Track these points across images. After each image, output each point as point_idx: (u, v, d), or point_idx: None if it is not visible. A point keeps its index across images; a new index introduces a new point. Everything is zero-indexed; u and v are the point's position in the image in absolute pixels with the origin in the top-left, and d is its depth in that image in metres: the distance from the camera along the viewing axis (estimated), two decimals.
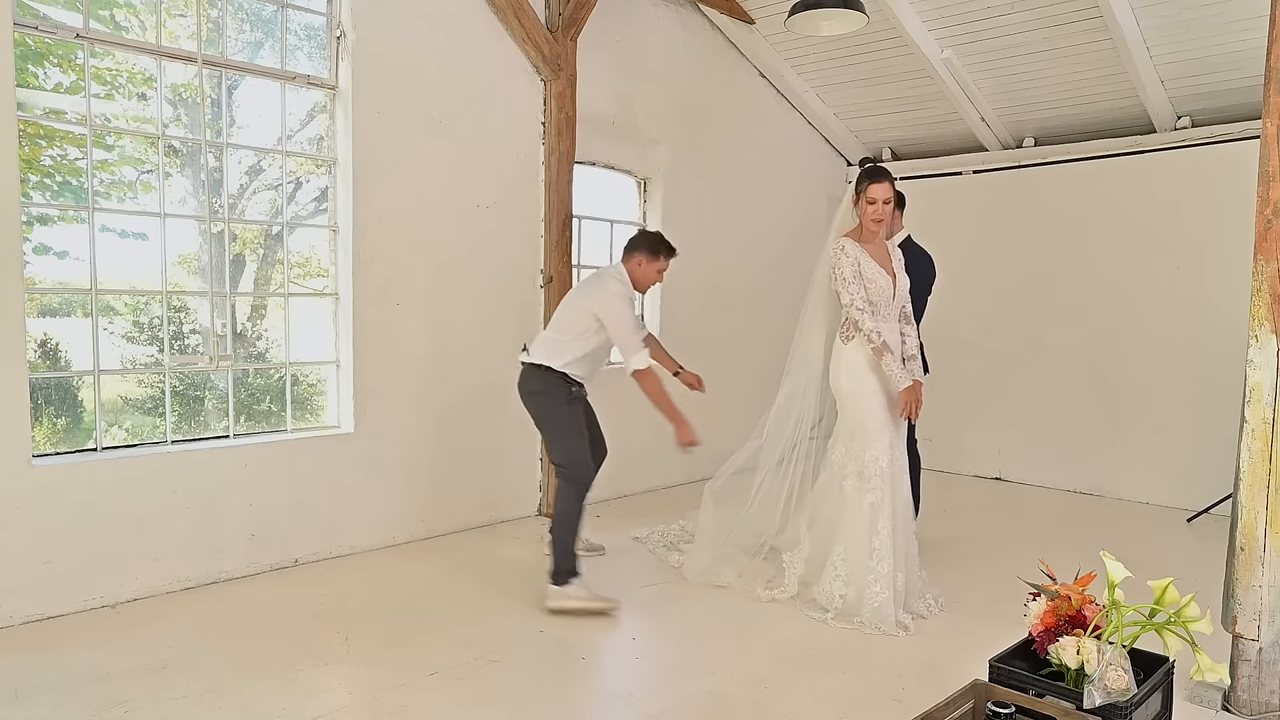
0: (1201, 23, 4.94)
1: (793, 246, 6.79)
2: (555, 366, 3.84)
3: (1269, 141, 2.74)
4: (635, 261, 3.98)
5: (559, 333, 3.92)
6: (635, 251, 4.01)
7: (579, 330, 3.86)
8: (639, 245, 4.03)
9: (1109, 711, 2.08)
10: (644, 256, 3.99)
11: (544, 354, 3.88)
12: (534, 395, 3.90)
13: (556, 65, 5.05)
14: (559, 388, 3.85)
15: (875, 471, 3.64)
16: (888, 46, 5.87)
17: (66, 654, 3.16)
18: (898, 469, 3.71)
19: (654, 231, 4.20)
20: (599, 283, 3.94)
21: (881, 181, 3.66)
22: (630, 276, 3.97)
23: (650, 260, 3.99)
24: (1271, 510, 2.74)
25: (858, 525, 3.66)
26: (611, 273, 4.00)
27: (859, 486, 3.67)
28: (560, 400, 3.85)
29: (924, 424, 6.31)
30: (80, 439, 3.79)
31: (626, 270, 3.98)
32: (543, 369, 3.86)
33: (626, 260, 4.02)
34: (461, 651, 3.25)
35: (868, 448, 3.67)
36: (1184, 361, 5.72)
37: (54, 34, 3.53)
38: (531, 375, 3.90)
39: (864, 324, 3.63)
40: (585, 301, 3.90)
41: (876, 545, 3.62)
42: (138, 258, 3.91)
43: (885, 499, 3.63)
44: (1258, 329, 2.76)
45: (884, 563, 3.60)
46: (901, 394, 3.63)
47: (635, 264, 3.98)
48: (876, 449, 3.65)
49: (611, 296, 3.83)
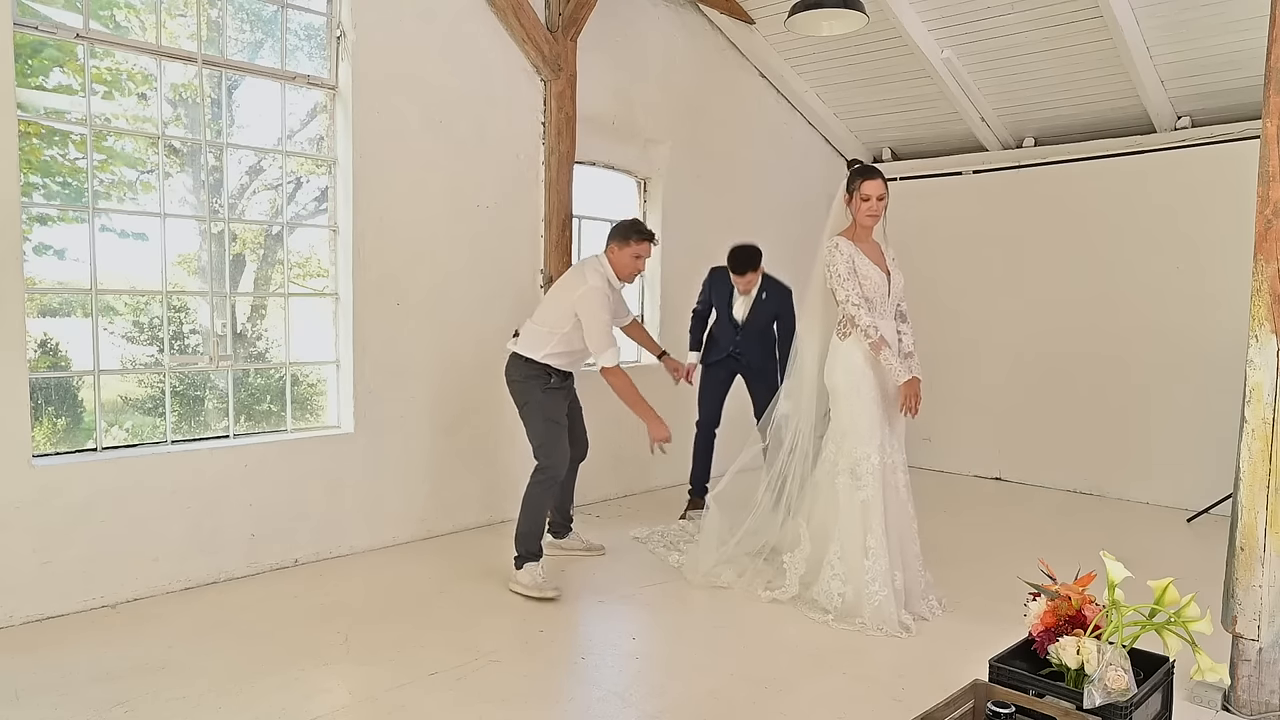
0: (1201, 23, 4.94)
1: (793, 246, 6.77)
2: (535, 358, 3.97)
3: (1269, 141, 2.74)
4: (610, 250, 4.06)
5: (540, 324, 4.03)
6: (609, 240, 4.09)
7: (557, 323, 3.97)
8: (611, 233, 4.09)
9: (1109, 711, 2.08)
10: (615, 244, 4.04)
11: (526, 344, 4.02)
12: (514, 382, 4.06)
13: (556, 65, 5.05)
14: (538, 376, 3.99)
15: (867, 469, 3.64)
16: (888, 46, 5.87)
17: (66, 654, 3.16)
18: (892, 467, 3.71)
19: (628, 219, 4.22)
20: (578, 275, 4.01)
21: (875, 179, 3.69)
22: (611, 266, 4.04)
23: (621, 246, 4.02)
24: (1271, 510, 2.74)
25: (851, 523, 3.66)
26: (592, 264, 4.05)
27: (851, 484, 3.67)
28: (537, 388, 3.98)
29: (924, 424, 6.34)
30: (80, 439, 3.79)
31: (608, 259, 4.06)
32: (524, 359, 4.00)
33: (605, 250, 4.10)
34: (461, 651, 3.25)
35: (859, 445, 3.66)
36: (1184, 361, 5.72)
37: (54, 34, 3.53)
38: (514, 363, 4.06)
39: (860, 319, 3.63)
40: (566, 294, 3.98)
41: (871, 544, 3.61)
42: (138, 258, 3.91)
43: (877, 497, 3.62)
44: (1258, 329, 2.76)
45: (880, 561, 3.59)
46: (901, 388, 3.63)
47: (610, 252, 4.06)
48: (869, 446, 3.65)
49: (587, 291, 3.89)
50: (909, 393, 3.62)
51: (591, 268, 4.02)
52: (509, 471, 5.12)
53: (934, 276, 6.65)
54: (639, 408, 3.97)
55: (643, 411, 3.97)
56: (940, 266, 6.75)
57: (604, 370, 3.90)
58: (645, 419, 3.98)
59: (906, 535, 3.76)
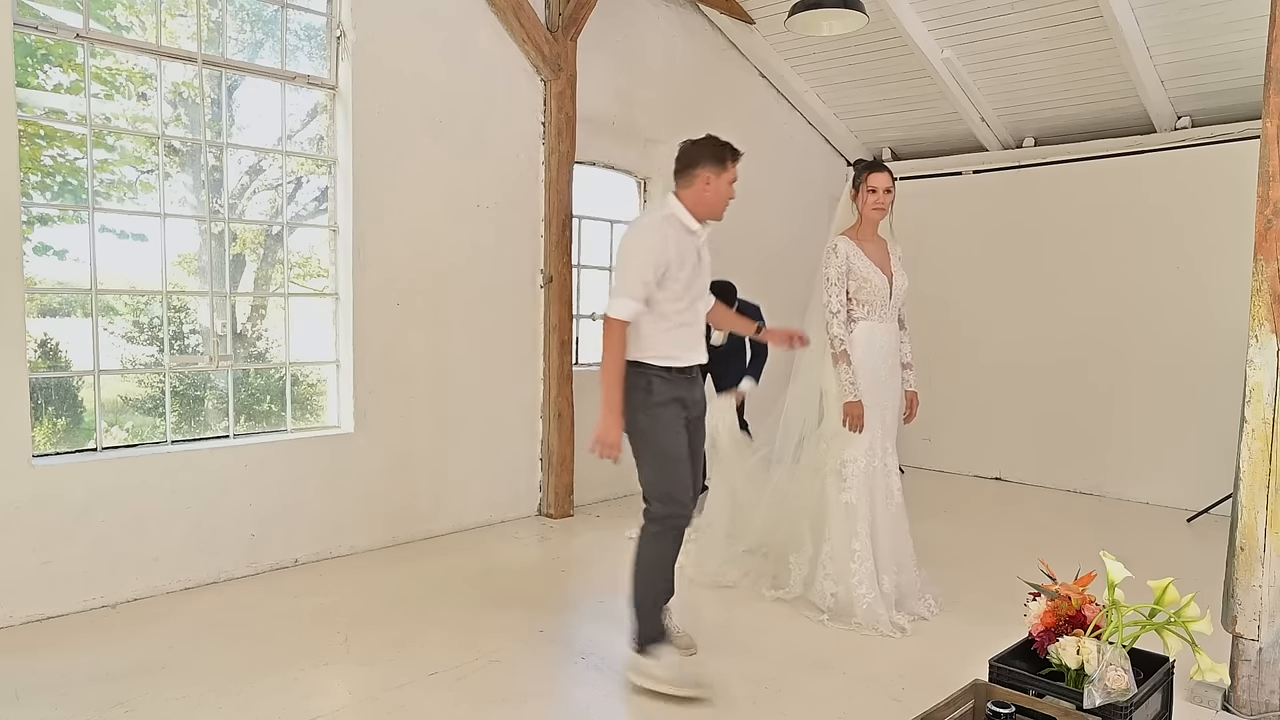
0: (1201, 23, 4.94)
1: (793, 246, 6.79)
2: (631, 357, 2.95)
3: (1269, 141, 2.74)
4: (702, 181, 2.96)
5: None
6: (697, 168, 2.96)
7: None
8: (700, 158, 2.97)
9: (1109, 711, 2.08)
10: (710, 171, 2.96)
11: None
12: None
13: (556, 65, 5.05)
14: (635, 388, 2.94)
15: (853, 471, 3.65)
16: (888, 46, 5.87)
17: (66, 654, 3.16)
18: (881, 471, 3.70)
19: (706, 137, 3.05)
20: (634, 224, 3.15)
21: (882, 171, 3.69)
22: (695, 207, 2.99)
23: (718, 173, 2.97)
24: (1271, 510, 2.74)
25: (837, 525, 3.68)
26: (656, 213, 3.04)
27: (837, 485, 3.69)
28: (638, 405, 2.94)
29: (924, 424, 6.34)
30: (80, 439, 3.79)
31: (685, 202, 2.99)
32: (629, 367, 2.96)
33: (687, 186, 2.99)
34: (461, 651, 3.24)
35: (847, 447, 3.67)
36: (1184, 361, 5.72)
37: (54, 34, 3.53)
38: None
39: (831, 328, 3.65)
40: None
41: (856, 547, 3.62)
42: (138, 258, 3.91)
43: (863, 500, 3.63)
44: (1258, 329, 2.76)
45: (865, 564, 3.60)
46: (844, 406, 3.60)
47: (703, 184, 2.96)
48: (856, 449, 3.65)
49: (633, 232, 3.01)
50: (852, 413, 3.59)
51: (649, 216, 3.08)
52: (509, 471, 5.12)
53: (934, 276, 6.64)
54: (609, 389, 2.91)
55: (608, 397, 2.91)
56: (940, 266, 6.74)
57: (605, 319, 2.93)
58: (605, 408, 2.91)
59: (899, 538, 3.76)
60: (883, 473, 3.71)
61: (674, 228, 2.95)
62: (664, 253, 2.89)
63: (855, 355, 3.67)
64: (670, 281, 2.91)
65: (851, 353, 3.67)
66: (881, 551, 3.65)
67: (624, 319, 2.89)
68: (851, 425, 3.61)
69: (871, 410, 3.65)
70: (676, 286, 2.93)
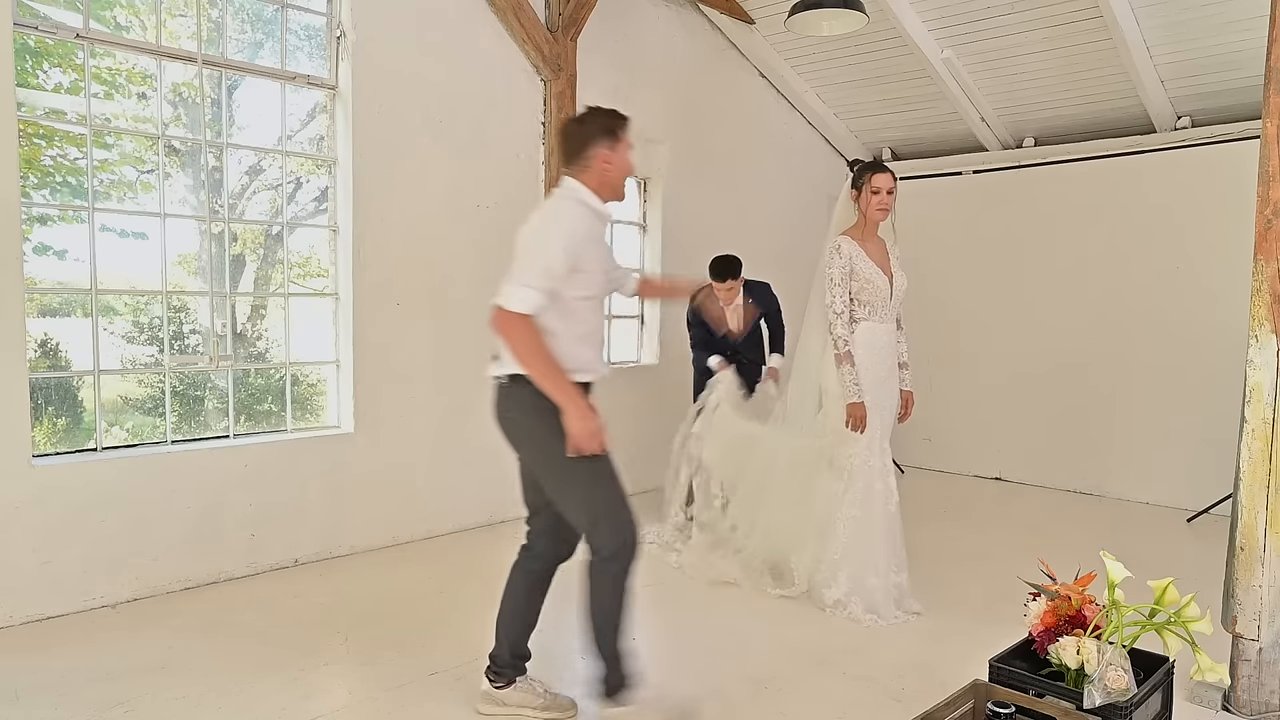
0: (1201, 23, 4.94)
1: (793, 246, 6.77)
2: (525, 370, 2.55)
3: (1269, 141, 2.74)
4: (601, 160, 2.65)
5: None
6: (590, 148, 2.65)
7: None
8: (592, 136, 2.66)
9: (1109, 711, 2.08)
10: (606, 148, 2.65)
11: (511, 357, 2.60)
12: (510, 422, 2.68)
13: (556, 65, 5.05)
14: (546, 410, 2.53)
15: (848, 468, 3.67)
16: (888, 46, 5.87)
17: (66, 654, 3.16)
18: (877, 469, 3.71)
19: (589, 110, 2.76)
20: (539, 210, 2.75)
21: (885, 172, 3.69)
22: (600, 190, 2.68)
23: (613, 146, 2.67)
24: (1271, 510, 2.74)
25: (839, 522, 3.70)
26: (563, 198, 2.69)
27: (837, 483, 3.71)
28: (555, 428, 2.53)
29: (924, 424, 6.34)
30: (80, 439, 3.79)
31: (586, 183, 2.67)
32: (511, 381, 2.60)
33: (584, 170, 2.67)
34: (461, 651, 3.24)
35: (843, 443, 3.69)
36: (1184, 361, 5.72)
37: (54, 34, 3.53)
38: (500, 395, 2.66)
39: (835, 328, 3.66)
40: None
41: (858, 542, 3.65)
42: (138, 258, 3.91)
43: (857, 496, 3.65)
44: (1258, 329, 2.76)
45: (869, 557, 3.63)
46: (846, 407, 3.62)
47: (602, 163, 2.65)
48: (853, 446, 3.67)
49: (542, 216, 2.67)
50: (856, 414, 3.61)
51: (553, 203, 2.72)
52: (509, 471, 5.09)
53: (934, 276, 6.64)
54: (554, 382, 2.51)
55: (556, 388, 2.51)
56: (940, 266, 6.74)
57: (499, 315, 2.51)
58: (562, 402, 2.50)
59: (894, 538, 3.76)
60: (881, 472, 3.72)
61: (585, 212, 2.65)
62: (576, 238, 2.57)
63: (856, 355, 3.67)
64: (581, 273, 2.57)
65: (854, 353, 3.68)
66: (873, 549, 3.67)
67: (526, 313, 2.49)
68: (855, 426, 3.61)
69: (872, 410, 3.65)
70: (586, 278, 2.60)
